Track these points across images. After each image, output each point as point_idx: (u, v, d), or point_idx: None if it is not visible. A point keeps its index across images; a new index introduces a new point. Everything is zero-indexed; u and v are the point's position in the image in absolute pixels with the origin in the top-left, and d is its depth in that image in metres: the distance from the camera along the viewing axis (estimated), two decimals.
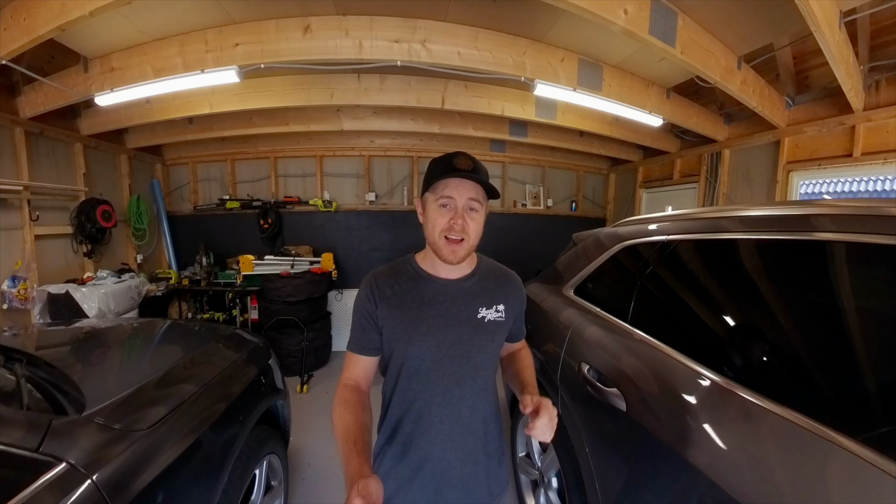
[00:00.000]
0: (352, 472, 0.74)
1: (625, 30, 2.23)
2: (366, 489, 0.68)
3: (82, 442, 0.99)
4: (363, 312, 0.99)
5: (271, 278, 4.11)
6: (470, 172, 0.91)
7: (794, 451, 0.79)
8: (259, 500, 1.73)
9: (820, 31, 2.19)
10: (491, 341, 1.02)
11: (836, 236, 0.91)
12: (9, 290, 3.20)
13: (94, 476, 0.92)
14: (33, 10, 2.27)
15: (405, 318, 0.97)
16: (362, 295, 1.00)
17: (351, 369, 1.00)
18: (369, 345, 0.99)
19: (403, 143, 5.00)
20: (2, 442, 0.89)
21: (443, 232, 0.93)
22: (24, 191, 3.34)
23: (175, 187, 5.19)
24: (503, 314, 1.03)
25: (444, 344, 0.97)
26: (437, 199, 0.94)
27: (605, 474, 1.34)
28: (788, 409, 0.84)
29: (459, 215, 0.92)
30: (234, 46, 2.71)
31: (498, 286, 1.06)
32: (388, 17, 2.64)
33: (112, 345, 1.98)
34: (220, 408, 1.43)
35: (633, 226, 1.83)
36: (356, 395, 0.94)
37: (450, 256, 0.94)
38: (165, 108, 3.67)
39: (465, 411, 0.99)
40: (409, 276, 1.02)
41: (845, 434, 0.74)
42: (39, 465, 0.88)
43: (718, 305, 1.28)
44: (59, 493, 0.86)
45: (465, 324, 0.99)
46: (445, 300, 0.99)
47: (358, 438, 0.83)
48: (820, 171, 3.42)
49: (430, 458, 0.97)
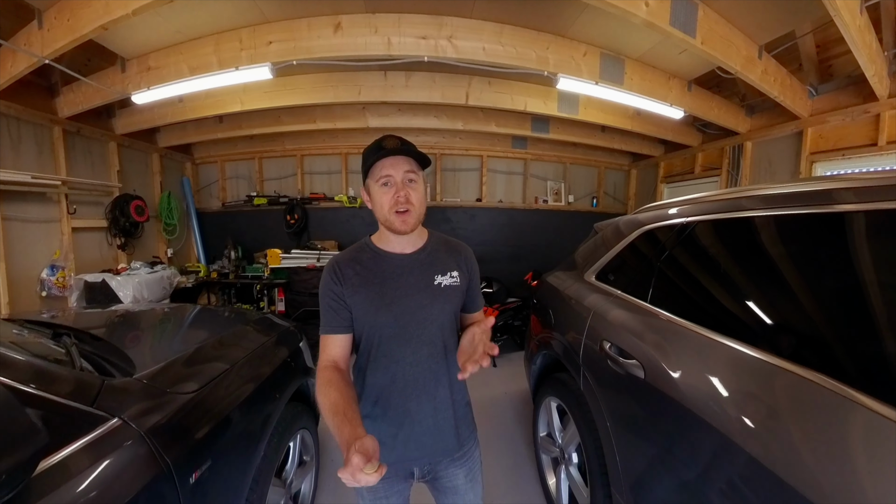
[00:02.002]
0: (346, 437, 0.78)
1: (646, 22, 2.28)
2: (362, 446, 0.72)
3: (133, 401, 1.07)
4: (331, 295, 1.06)
5: (298, 271, 4.24)
6: (399, 150, 0.99)
7: (807, 406, 0.82)
8: (293, 471, 1.83)
9: (840, 16, 2.19)
10: (449, 303, 1.11)
11: (858, 206, 0.91)
12: (48, 278, 3.37)
13: (144, 431, 0.99)
14: (77, 11, 2.40)
15: (370, 293, 1.05)
16: (327, 280, 1.07)
17: (328, 351, 1.06)
18: (342, 323, 1.06)
19: (427, 141, 5.08)
20: (61, 395, 0.95)
21: (391, 208, 1.01)
22: (61, 186, 3.52)
23: (204, 185, 5.37)
24: (457, 279, 1.13)
25: (408, 310, 1.06)
26: (377, 180, 1.02)
27: (624, 444, 1.39)
28: (804, 368, 0.86)
29: (401, 188, 1.01)
30: (267, 44, 2.82)
31: (449, 255, 1.16)
32: (415, 14, 2.72)
33: (154, 323, 2.10)
34: (258, 378, 1.53)
35: (652, 212, 1.86)
36: (336, 373, 1.00)
37: (402, 227, 1.02)
38: (198, 107, 3.81)
39: (433, 366, 1.09)
40: (368, 255, 1.11)
41: (871, 396, 0.73)
42: (94, 419, 0.94)
43: (735, 278, 1.30)
44: (112, 444, 0.93)
45: (424, 291, 1.08)
46: (404, 272, 1.09)
47: (347, 409, 0.87)
48: (844, 162, 3.40)
49: (408, 412, 1.08)
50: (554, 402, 2.02)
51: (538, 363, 2.26)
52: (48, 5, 2.52)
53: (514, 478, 2.31)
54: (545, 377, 2.19)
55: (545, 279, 2.47)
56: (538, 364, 2.26)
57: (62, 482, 0.80)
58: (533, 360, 2.31)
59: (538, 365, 2.27)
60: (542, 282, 2.50)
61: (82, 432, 0.90)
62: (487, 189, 5.41)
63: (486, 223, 5.39)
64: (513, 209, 5.45)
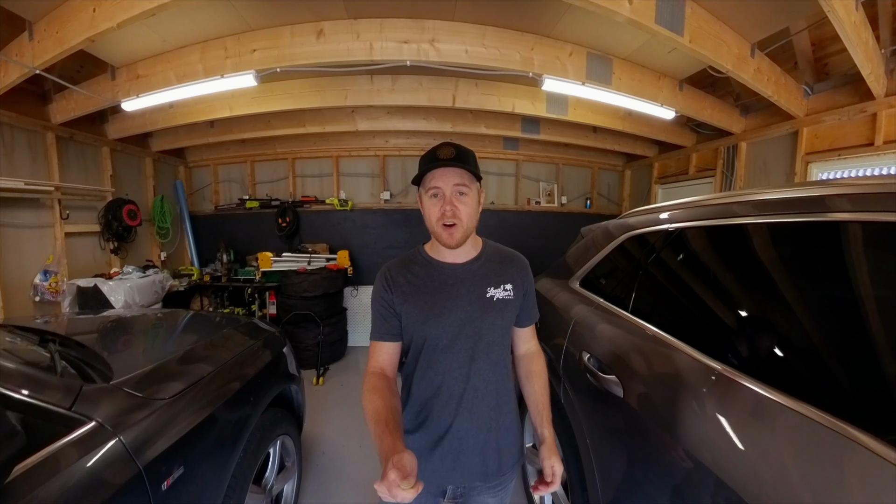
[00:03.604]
0: (386, 449, 0.77)
1: (630, 20, 2.22)
2: (400, 462, 0.72)
3: (109, 405, 1.10)
4: (381, 302, 1.06)
5: (289, 274, 4.24)
6: (452, 160, 0.97)
7: (801, 441, 0.77)
8: (273, 477, 1.84)
9: (834, 13, 2.13)
10: (501, 318, 1.08)
11: (853, 216, 0.86)
12: (41, 283, 3.41)
13: (121, 435, 1.02)
14: (65, 23, 2.42)
15: (420, 303, 1.04)
16: (378, 287, 1.07)
17: (376, 357, 1.05)
18: (391, 331, 1.05)
19: (417, 143, 5.06)
20: (39, 399, 0.98)
21: (438, 220, 1.00)
22: (55, 191, 3.54)
23: (197, 188, 5.40)
24: (511, 293, 1.09)
25: (457, 322, 1.03)
26: (426, 191, 1.01)
27: (603, 462, 1.36)
28: (792, 399, 0.80)
29: (448, 202, 0.99)
30: (251, 52, 2.82)
31: (503, 267, 1.13)
32: (397, 18, 2.70)
33: (137, 329, 2.12)
34: (234, 386, 1.53)
35: (641, 216, 1.80)
36: (383, 381, 0.99)
37: (448, 240, 1.01)
38: (188, 112, 3.83)
39: (479, 384, 1.05)
40: (420, 264, 1.10)
41: (857, 427, 0.69)
42: (71, 422, 0.98)
43: (720, 294, 1.25)
44: (88, 446, 0.96)
45: (476, 303, 1.05)
46: (455, 283, 1.06)
47: (389, 419, 0.87)
48: (840, 162, 3.32)
49: (449, 428, 1.04)
50: None
51: None
52: (39, 17, 2.54)
53: None
54: None
55: None
56: None
57: (37, 485, 0.83)
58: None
59: None
60: None
61: (59, 435, 0.94)
62: None
63: (478, 225, 5.31)
64: (505, 211, 5.41)
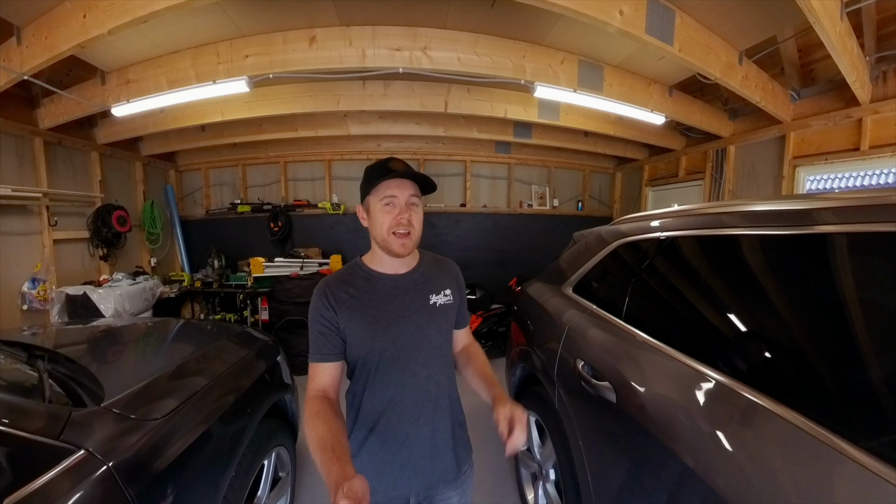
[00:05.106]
0: (334, 477, 0.74)
1: (621, 31, 2.26)
2: (351, 489, 0.68)
3: (100, 431, 1.06)
4: (321, 321, 1.02)
5: (281, 280, 4.20)
6: (406, 173, 1.00)
7: (790, 448, 0.77)
8: (266, 492, 1.78)
9: (819, 23, 2.17)
10: (446, 322, 1.12)
11: (839, 228, 0.87)
12: (29, 291, 3.35)
13: (111, 463, 0.98)
14: (55, 29, 2.39)
15: (367, 317, 1.02)
16: (318, 305, 1.03)
17: (317, 379, 1.02)
18: (333, 350, 1.02)
19: (410, 147, 5.08)
20: (26, 430, 0.95)
21: (391, 228, 1.00)
22: (42, 197, 3.49)
23: (188, 192, 5.34)
24: (451, 297, 1.13)
25: (406, 333, 1.04)
26: (380, 199, 1.01)
27: (596, 467, 1.38)
28: (781, 405, 0.81)
29: (404, 210, 1.01)
30: (244, 58, 2.81)
31: (441, 274, 1.16)
32: (389, 26, 2.71)
33: (128, 341, 2.07)
34: (229, 400, 1.50)
35: (633, 223, 1.81)
36: (325, 404, 0.96)
37: (400, 249, 1.02)
38: (179, 117, 3.79)
39: (432, 388, 1.08)
40: (361, 277, 1.09)
41: (843, 437, 0.69)
42: (60, 452, 0.94)
43: (711, 302, 1.27)
44: (77, 477, 0.92)
45: (421, 311, 1.07)
46: (399, 293, 1.07)
47: (335, 445, 0.84)
48: (827, 166, 3.39)
49: (406, 437, 1.05)
50: (532, 416, 2.00)
51: (517, 374, 2.24)
52: (27, 22, 2.50)
53: (494, 489, 2.31)
54: (524, 389, 2.16)
55: (525, 289, 2.45)
56: (517, 375, 2.24)
57: None
58: (513, 371, 2.29)
59: (517, 376, 2.25)
60: (523, 291, 2.47)
61: (47, 467, 0.90)
62: (472, 194, 5.40)
63: (470, 228, 5.39)
64: (497, 214, 5.45)
